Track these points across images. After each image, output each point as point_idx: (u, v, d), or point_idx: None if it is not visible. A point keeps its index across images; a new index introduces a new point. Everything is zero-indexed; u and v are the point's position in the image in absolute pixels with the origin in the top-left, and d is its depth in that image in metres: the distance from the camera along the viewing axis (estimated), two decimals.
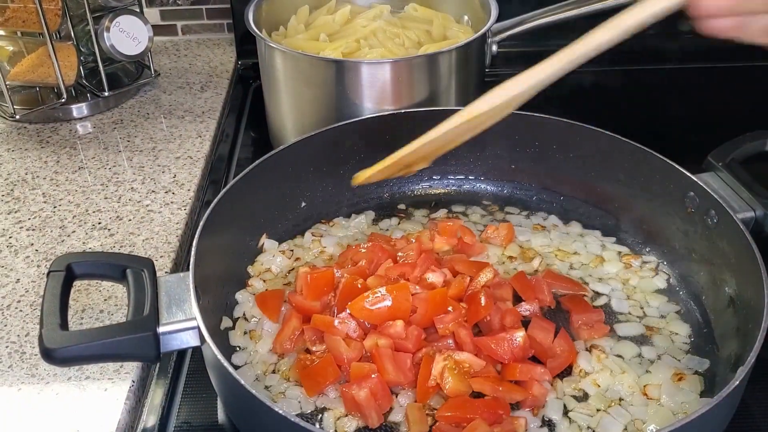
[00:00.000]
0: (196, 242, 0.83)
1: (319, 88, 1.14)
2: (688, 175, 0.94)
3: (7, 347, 0.88)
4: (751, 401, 0.81)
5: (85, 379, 0.85)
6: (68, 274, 0.80)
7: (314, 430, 0.65)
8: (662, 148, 0.98)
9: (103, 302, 0.94)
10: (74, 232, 1.07)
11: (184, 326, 0.77)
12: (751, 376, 0.72)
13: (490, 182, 1.14)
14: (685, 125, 1.34)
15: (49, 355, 0.72)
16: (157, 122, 1.33)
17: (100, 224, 1.08)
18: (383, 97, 1.12)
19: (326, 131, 1.04)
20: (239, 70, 1.55)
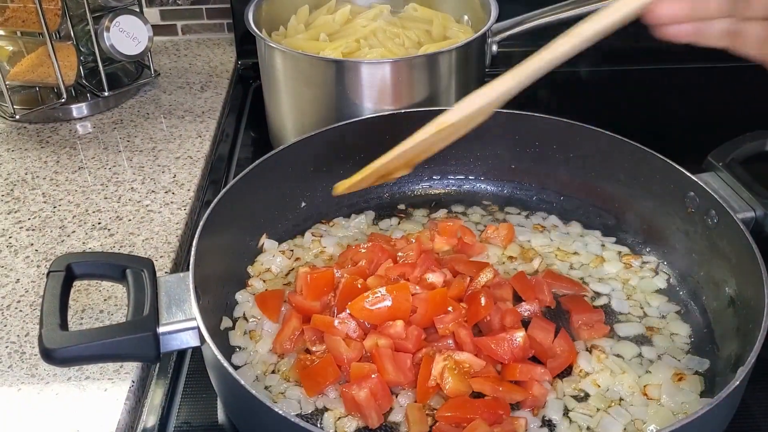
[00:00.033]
0: (196, 242, 0.83)
1: (319, 88, 1.14)
2: (688, 175, 0.94)
3: (7, 347, 0.88)
4: (751, 401, 0.81)
5: (85, 379, 0.84)
6: (68, 274, 0.80)
7: (314, 430, 0.64)
8: (662, 148, 0.98)
9: (103, 302, 0.94)
10: (74, 232, 1.07)
11: (184, 326, 0.77)
12: (751, 376, 0.72)
13: (490, 182, 1.14)
14: (685, 125, 1.34)
15: (48, 355, 0.72)
16: (157, 122, 1.33)
17: (100, 224, 1.08)
18: (383, 97, 1.12)
19: (326, 131, 1.04)
20: (239, 70, 1.55)
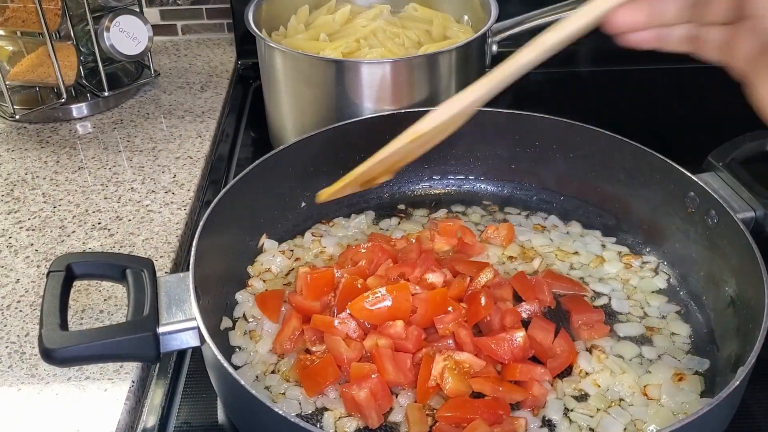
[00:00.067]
0: (196, 242, 0.83)
1: (319, 88, 1.14)
2: (688, 175, 0.94)
3: (7, 347, 0.88)
4: (751, 401, 0.81)
5: (85, 379, 0.84)
6: (68, 274, 0.80)
7: (314, 430, 0.64)
8: (662, 148, 0.98)
9: (103, 302, 0.94)
10: (74, 232, 1.07)
11: (184, 326, 0.77)
12: (751, 376, 0.72)
13: (490, 182, 1.14)
14: (685, 125, 1.34)
15: (48, 355, 0.72)
16: (157, 122, 1.33)
17: (100, 224, 1.08)
18: (383, 97, 1.12)
19: (326, 131, 1.04)
20: (239, 70, 1.55)
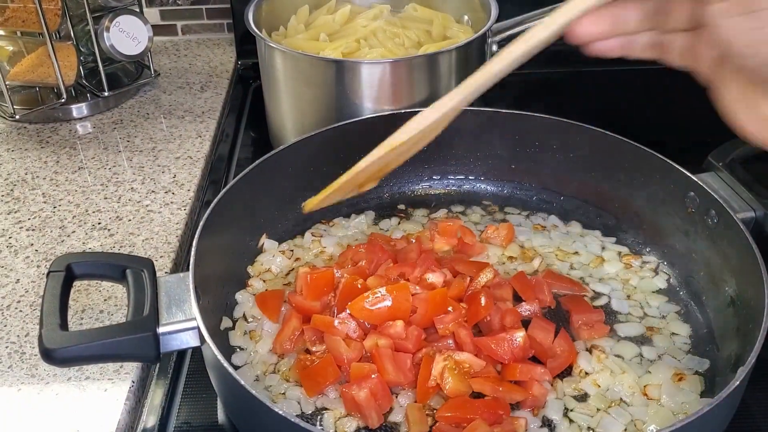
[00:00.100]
0: (196, 242, 0.83)
1: (319, 88, 1.14)
2: (688, 175, 0.94)
3: (7, 347, 0.88)
4: (751, 401, 0.81)
5: (85, 379, 0.84)
6: (68, 274, 0.80)
7: (314, 430, 0.65)
8: (662, 148, 0.98)
9: (103, 302, 0.94)
10: (74, 232, 1.07)
11: (184, 326, 0.77)
12: (751, 376, 0.72)
13: (490, 182, 1.14)
14: (685, 125, 1.34)
15: (48, 355, 0.72)
16: (157, 122, 1.33)
17: (100, 224, 1.08)
18: (383, 97, 1.12)
19: (326, 131, 1.04)
20: (239, 70, 1.55)
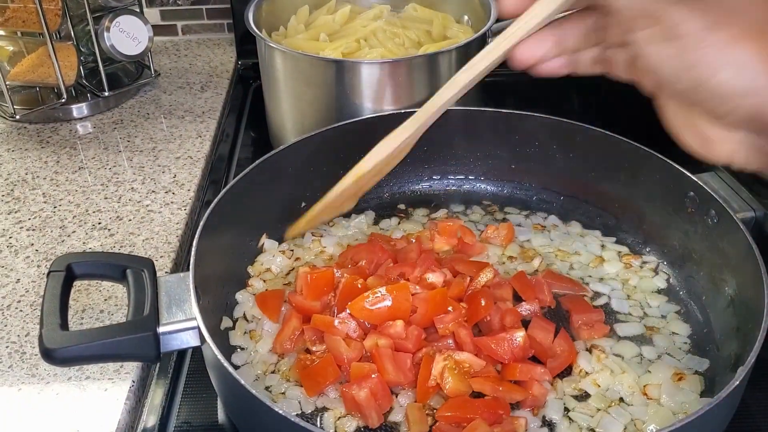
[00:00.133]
0: (196, 242, 0.83)
1: (319, 88, 1.14)
2: (688, 175, 0.94)
3: (7, 347, 0.88)
4: (751, 401, 0.81)
5: (85, 379, 0.85)
6: (68, 274, 0.80)
7: (314, 430, 0.64)
8: (662, 148, 0.98)
9: (103, 302, 0.94)
10: (74, 232, 1.07)
11: (184, 326, 0.77)
12: (751, 376, 0.72)
13: (490, 182, 1.14)
14: None
15: (49, 355, 0.72)
16: (157, 122, 1.33)
17: (100, 224, 1.08)
18: (383, 97, 1.12)
19: (326, 131, 1.04)
20: (239, 70, 1.55)
